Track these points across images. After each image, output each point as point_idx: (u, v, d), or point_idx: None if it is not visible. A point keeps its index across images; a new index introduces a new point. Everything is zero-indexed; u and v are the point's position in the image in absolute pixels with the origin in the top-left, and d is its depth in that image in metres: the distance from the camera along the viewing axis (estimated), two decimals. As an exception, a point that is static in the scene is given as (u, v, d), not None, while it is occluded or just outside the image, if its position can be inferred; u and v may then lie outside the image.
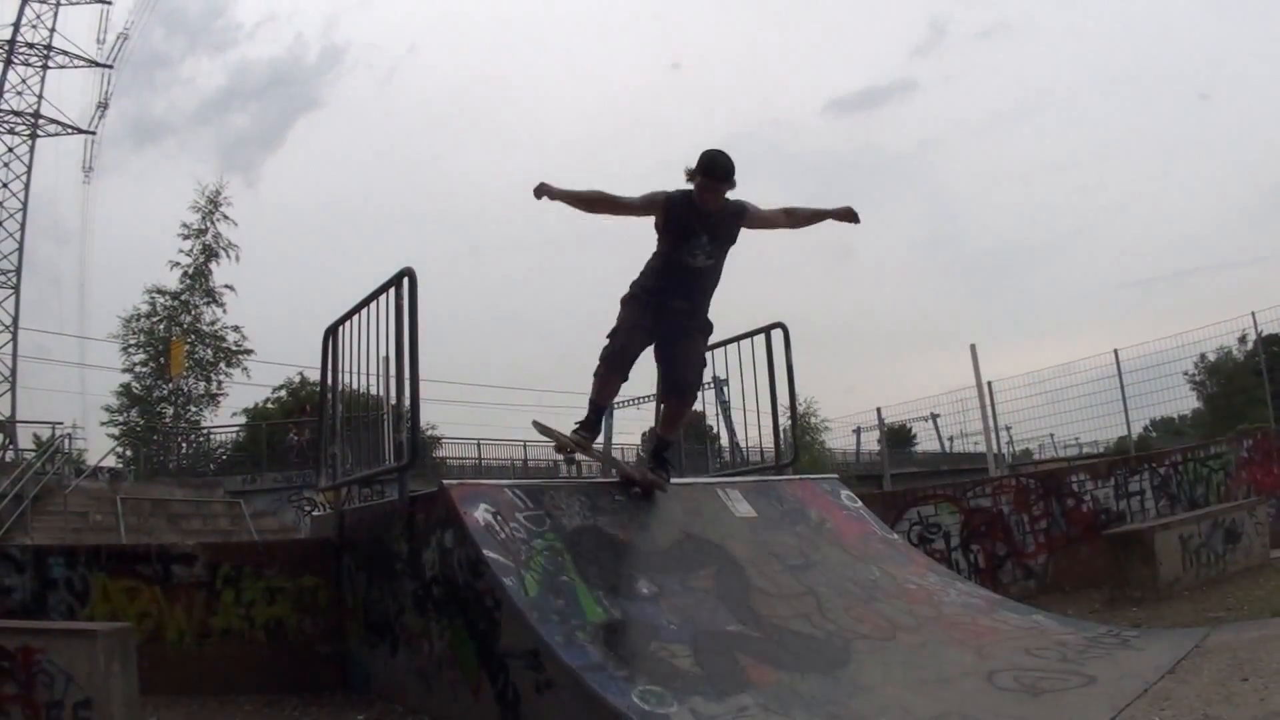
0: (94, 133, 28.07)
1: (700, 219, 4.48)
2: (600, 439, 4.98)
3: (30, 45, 26.12)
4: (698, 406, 5.51)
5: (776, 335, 6.30)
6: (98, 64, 27.47)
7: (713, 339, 5.65)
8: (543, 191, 4.42)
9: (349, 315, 5.16)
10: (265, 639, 5.08)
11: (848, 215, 4.75)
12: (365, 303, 4.94)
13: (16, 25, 25.78)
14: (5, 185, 26.06)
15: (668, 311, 4.61)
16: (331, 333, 5.40)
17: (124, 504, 14.17)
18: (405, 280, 4.55)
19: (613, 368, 4.63)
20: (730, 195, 4.49)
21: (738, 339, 6.48)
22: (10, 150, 26.27)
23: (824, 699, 3.41)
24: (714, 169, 4.38)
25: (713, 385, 8.01)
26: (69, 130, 27.41)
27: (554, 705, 3.35)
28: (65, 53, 26.79)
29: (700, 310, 4.74)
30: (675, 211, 4.49)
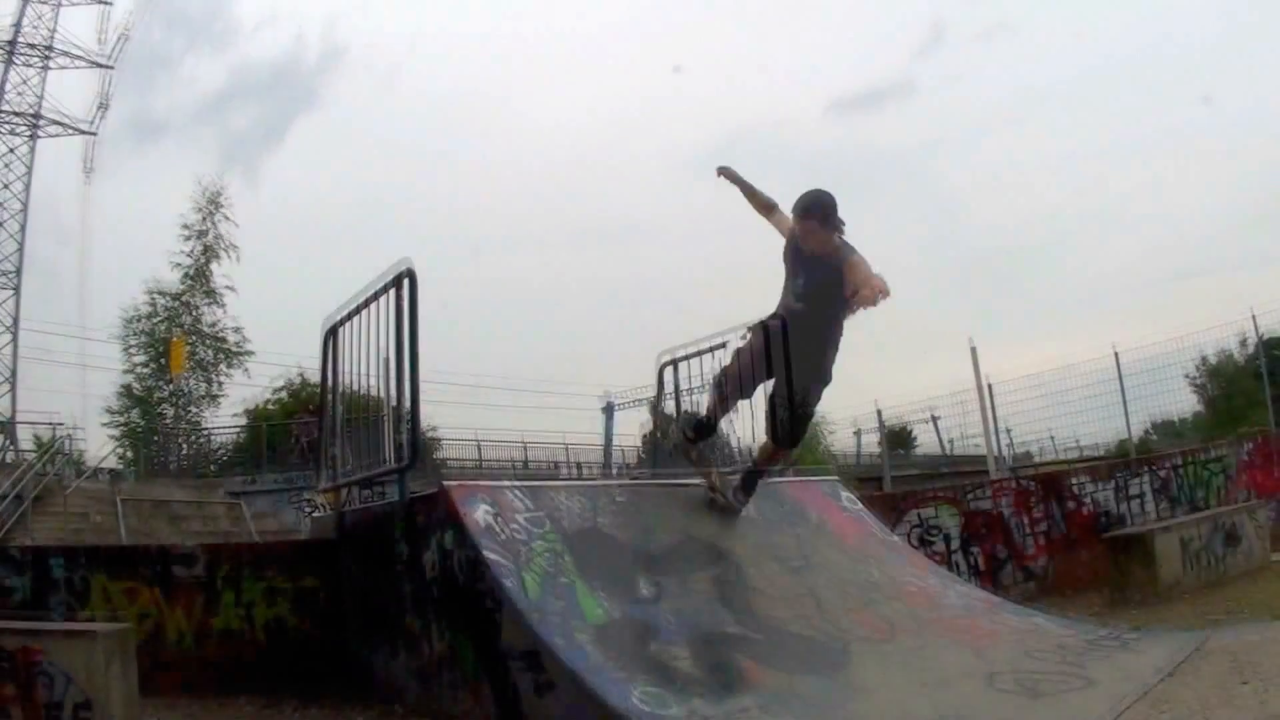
0: (95, 133, 28.05)
1: (802, 259, 4.40)
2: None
3: (31, 46, 26.13)
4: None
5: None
6: (98, 64, 27.46)
7: (712, 340, 5.58)
8: (729, 174, 4.76)
9: (350, 315, 5.16)
10: (265, 639, 5.08)
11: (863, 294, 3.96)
12: (366, 303, 4.93)
13: (17, 26, 25.80)
14: (6, 186, 26.05)
15: (779, 354, 4.50)
16: (332, 333, 5.40)
17: (124, 504, 14.16)
18: (406, 280, 4.54)
19: (727, 389, 4.75)
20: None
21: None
22: (11, 151, 26.26)
23: (823, 700, 3.42)
24: (795, 208, 4.36)
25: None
26: (70, 130, 27.40)
27: (554, 706, 3.36)
28: (66, 53, 26.80)
29: (808, 358, 4.40)
30: (790, 245, 4.46)
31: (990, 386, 15.04)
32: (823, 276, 4.27)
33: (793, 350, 4.38)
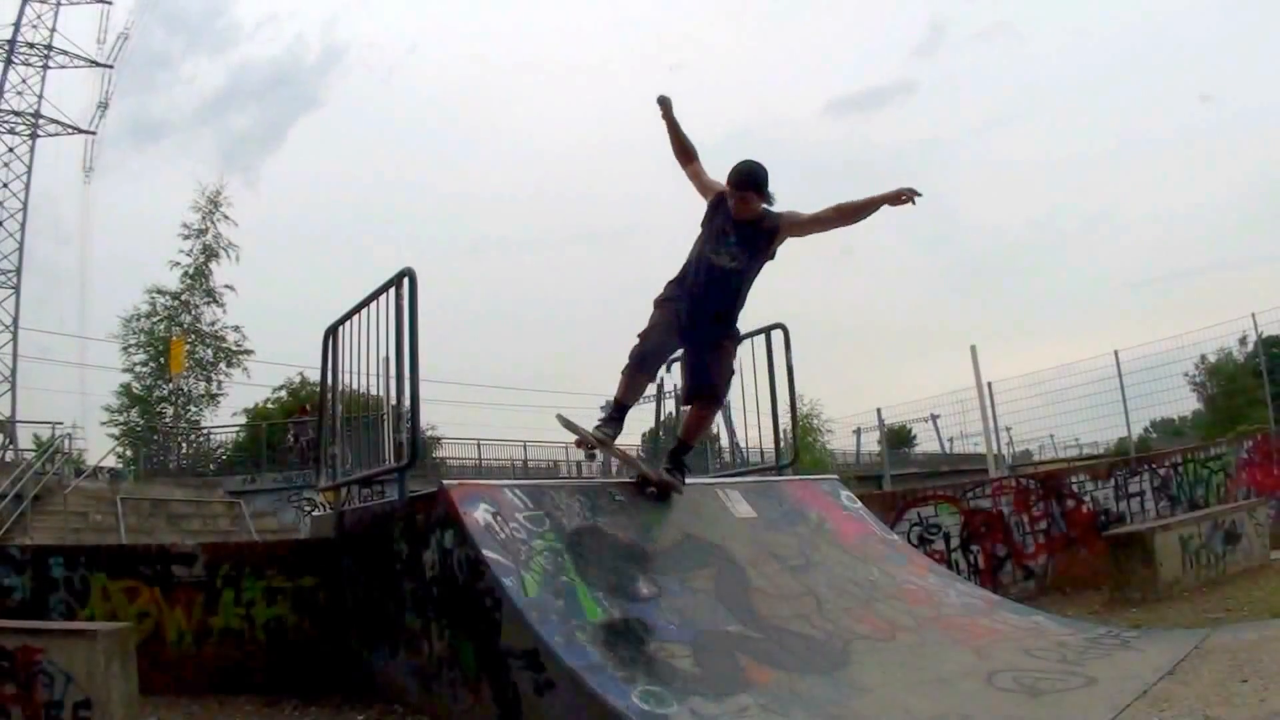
0: (94, 133, 28.13)
1: (732, 222, 4.57)
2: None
3: (31, 45, 26.16)
4: None
5: (777, 336, 6.30)
6: (98, 64, 27.52)
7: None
8: (664, 104, 4.81)
9: (349, 315, 5.17)
10: (265, 639, 5.08)
11: (899, 198, 4.22)
12: (365, 303, 4.94)
13: (17, 25, 25.83)
14: (5, 185, 26.08)
15: (698, 315, 4.62)
16: (332, 333, 5.41)
17: (124, 504, 14.16)
18: (405, 280, 4.55)
19: (640, 368, 4.66)
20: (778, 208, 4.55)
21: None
22: (11, 150, 26.30)
23: (823, 699, 3.41)
24: (733, 179, 4.51)
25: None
26: (69, 130, 27.45)
27: (554, 706, 3.35)
28: (66, 53, 26.85)
29: (729, 316, 4.74)
30: (716, 208, 4.63)
31: (990, 386, 15.04)
32: (752, 235, 4.55)
33: (715, 306, 4.64)
